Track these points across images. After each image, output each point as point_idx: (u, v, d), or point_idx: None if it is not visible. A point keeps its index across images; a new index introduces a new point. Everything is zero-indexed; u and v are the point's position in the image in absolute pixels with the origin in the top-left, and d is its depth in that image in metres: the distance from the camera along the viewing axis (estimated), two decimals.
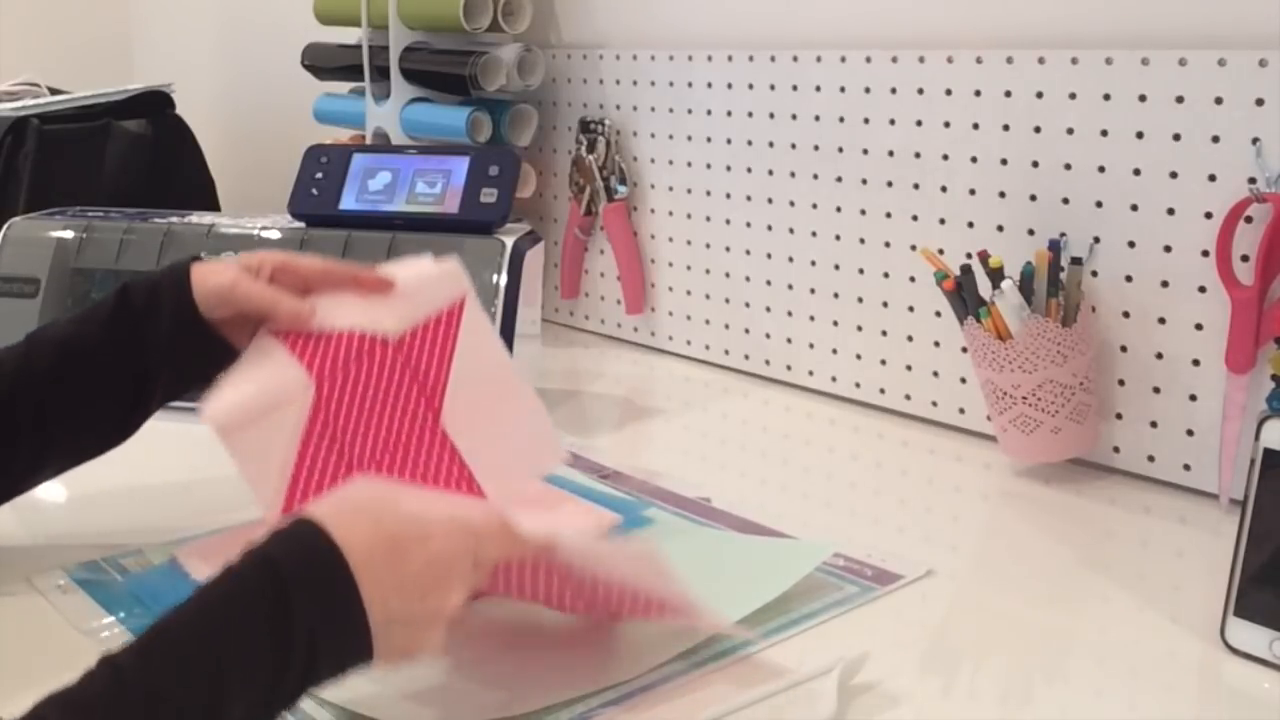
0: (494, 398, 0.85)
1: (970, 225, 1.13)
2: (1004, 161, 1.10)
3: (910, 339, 1.20)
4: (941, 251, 1.09)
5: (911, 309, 1.19)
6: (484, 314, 0.87)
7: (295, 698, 0.58)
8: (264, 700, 0.56)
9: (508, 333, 1.14)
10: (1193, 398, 1.00)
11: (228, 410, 0.76)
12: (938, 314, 1.16)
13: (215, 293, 0.82)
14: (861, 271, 1.23)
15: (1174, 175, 0.98)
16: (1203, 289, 0.98)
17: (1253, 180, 0.93)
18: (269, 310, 0.80)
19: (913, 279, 1.18)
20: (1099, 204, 1.03)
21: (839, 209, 1.24)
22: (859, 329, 1.24)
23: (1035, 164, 1.07)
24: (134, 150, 1.72)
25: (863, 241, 1.23)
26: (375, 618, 0.59)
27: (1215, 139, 0.95)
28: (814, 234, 1.27)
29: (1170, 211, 0.99)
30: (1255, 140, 0.93)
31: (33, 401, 0.81)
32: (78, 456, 0.85)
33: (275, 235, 1.25)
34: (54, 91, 1.81)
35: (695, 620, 0.74)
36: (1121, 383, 1.04)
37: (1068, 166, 1.05)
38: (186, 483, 1.04)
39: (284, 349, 0.80)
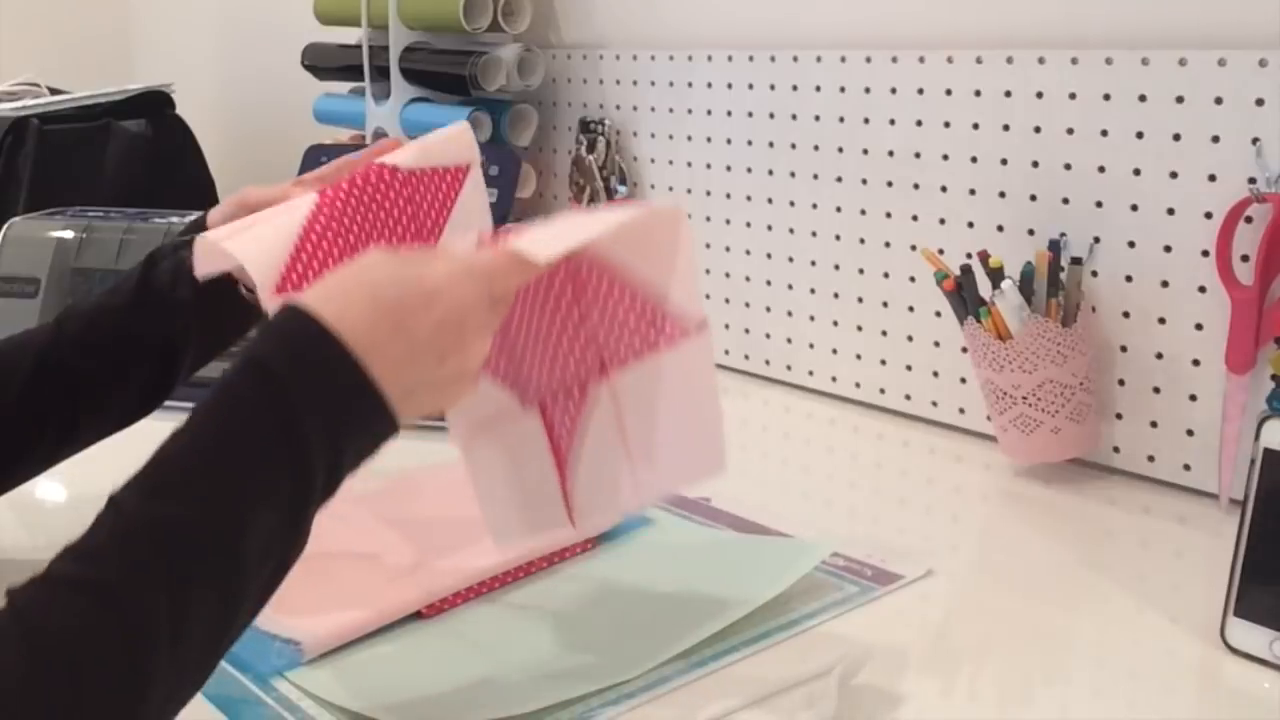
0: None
1: (970, 225, 1.13)
2: (1004, 161, 1.10)
3: (910, 339, 1.20)
4: (941, 251, 1.09)
5: (911, 309, 1.19)
6: (483, 189, 0.85)
7: (330, 492, 0.56)
8: (292, 505, 0.54)
9: None
10: (1193, 398, 1.00)
11: (228, 226, 0.75)
12: (938, 314, 1.16)
13: (230, 216, 0.81)
14: (861, 271, 1.23)
15: (1174, 175, 0.98)
16: (1203, 289, 0.98)
17: (1253, 180, 0.93)
18: (283, 195, 0.79)
19: (913, 279, 1.19)
20: (1099, 204, 1.03)
21: (839, 209, 1.24)
22: (859, 329, 1.24)
23: (1035, 164, 1.07)
24: (134, 150, 1.72)
25: (863, 241, 1.23)
26: (393, 391, 0.56)
27: (1215, 139, 0.95)
28: (814, 234, 1.27)
29: (1170, 211, 0.99)
30: (1255, 140, 0.93)
31: (64, 370, 0.81)
32: (110, 424, 0.85)
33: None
34: (54, 91, 1.81)
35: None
36: (1121, 383, 1.04)
37: (1068, 166, 1.05)
38: None
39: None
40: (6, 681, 0.46)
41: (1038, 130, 1.07)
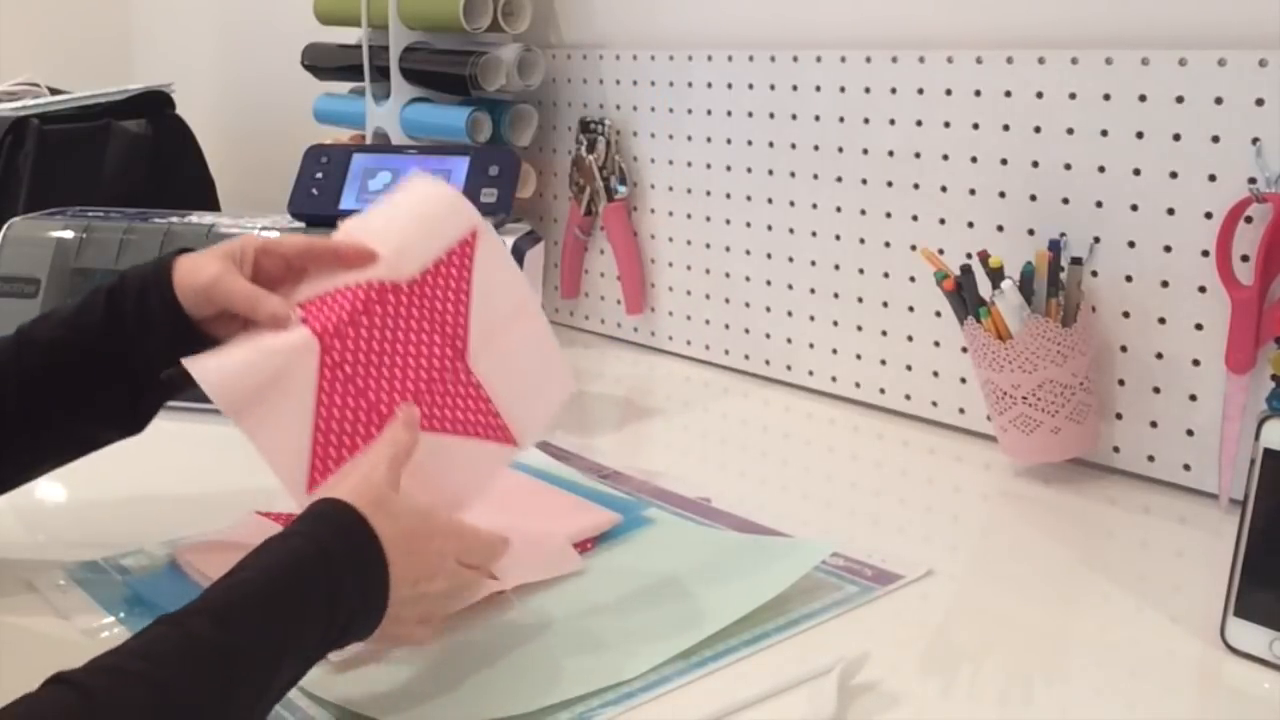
0: (513, 330, 0.82)
1: (970, 225, 1.13)
2: (1004, 161, 1.10)
3: (910, 339, 1.20)
4: (941, 251, 1.09)
5: (911, 309, 1.19)
6: (497, 239, 0.83)
7: (319, 659, 0.65)
8: (304, 661, 0.63)
9: None
10: (1193, 398, 1.00)
11: (232, 383, 0.72)
12: (938, 314, 1.16)
13: (198, 292, 0.79)
14: (861, 271, 1.23)
15: (1174, 175, 0.98)
16: (1203, 289, 0.98)
17: (1253, 180, 0.93)
18: (249, 312, 0.77)
19: (913, 279, 1.18)
20: (1099, 204, 1.03)
21: (839, 209, 1.24)
22: (859, 329, 1.24)
23: (1035, 164, 1.07)
24: (134, 150, 1.72)
25: (863, 241, 1.23)
26: (391, 599, 0.66)
27: (1215, 139, 0.95)
28: (814, 234, 1.27)
29: (1170, 211, 0.99)
30: (1255, 140, 0.93)
31: (23, 402, 0.80)
32: (70, 456, 0.85)
33: (275, 235, 1.24)
34: (54, 91, 1.81)
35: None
36: (1121, 383, 1.04)
37: (1068, 166, 1.05)
38: (186, 483, 1.04)
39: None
40: None
41: (1038, 130, 1.07)
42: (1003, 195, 1.10)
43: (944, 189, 1.15)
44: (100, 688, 0.54)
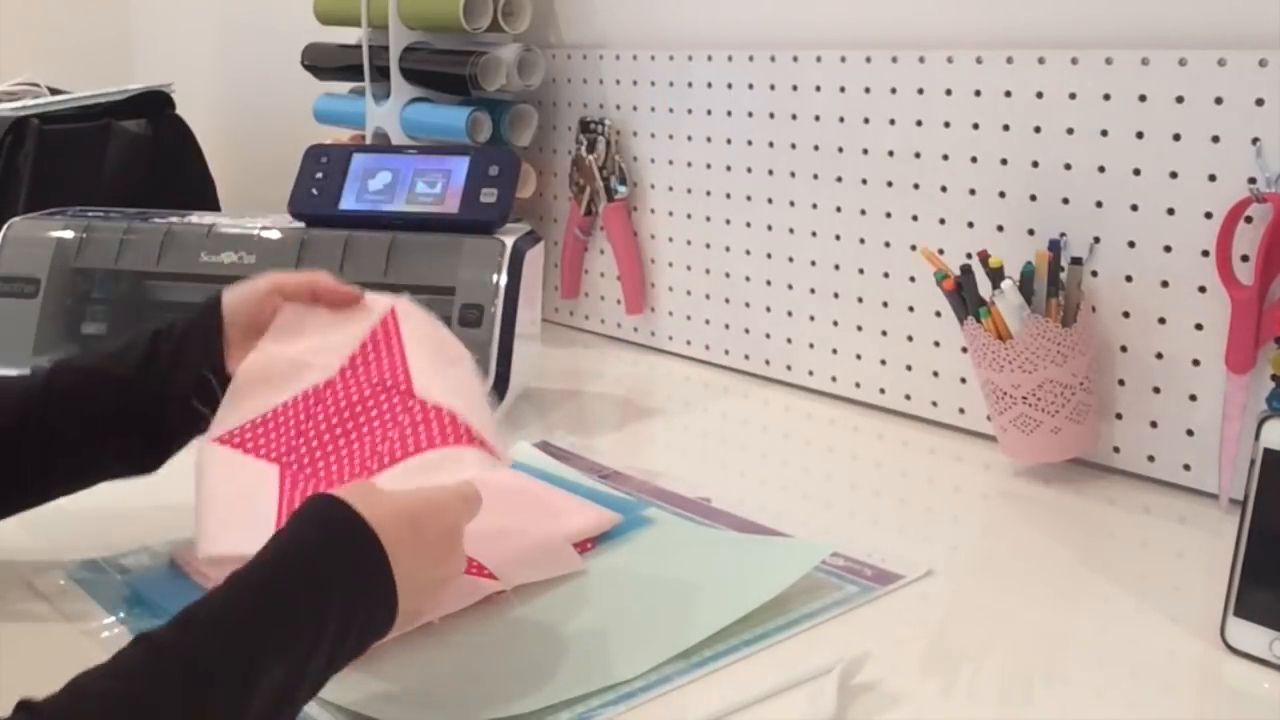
0: (457, 370, 0.85)
1: (970, 225, 1.13)
2: (1004, 161, 1.10)
3: (910, 339, 1.20)
4: (941, 251, 1.09)
5: (911, 309, 1.19)
6: (418, 308, 0.87)
7: (335, 662, 0.62)
8: (300, 661, 0.59)
9: (507, 333, 1.14)
10: (1193, 398, 1.00)
11: (224, 548, 0.73)
12: (938, 314, 1.16)
13: (252, 292, 0.85)
14: (861, 271, 1.23)
15: (1174, 175, 0.98)
16: (1203, 289, 0.98)
17: (1253, 180, 0.93)
18: (311, 284, 0.86)
19: (913, 279, 1.18)
20: (1099, 204, 1.03)
21: (839, 209, 1.24)
22: (859, 329, 1.24)
23: (1035, 164, 1.07)
24: (134, 150, 1.72)
25: (863, 241, 1.23)
26: (402, 585, 0.64)
27: (1215, 139, 0.95)
28: (814, 234, 1.27)
29: (1170, 211, 0.99)
30: (1255, 140, 0.93)
31: (46, 430, 0.81)
32: (80, 485, 0.85)
33: (275, 235, 1.25)
34: (54, 91, 1.81)
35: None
36: (1121, 383, 1.04)
37: (1068, 166, 1.05)
38: (186, 483, 1.03)
39: (236, 455, 0.79)
40: None
41: (1038, 130, 1.07)
42: (1003, 195, 1.10)
43: (944, 189, 1.15)
44: (58, 707, 0.52)
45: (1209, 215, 0.96)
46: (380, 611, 0.64)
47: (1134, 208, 1.01)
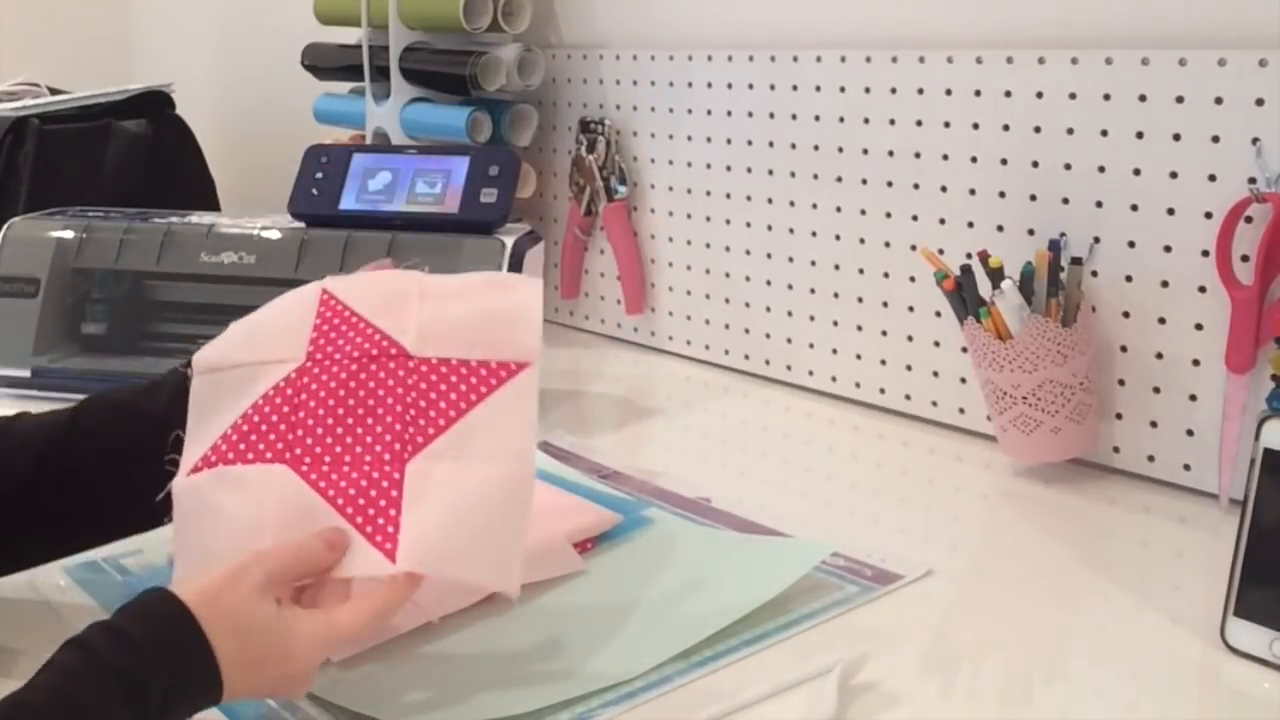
0: (482, 470, 0.72)
1: (970, 225, 1.13)
2: (1004, 161, 1.10)
3: (910, 339, 1.20)
4: (941, 251, 1.09)
5: (911, 309, 1.19)
6: (338, 276, 0.79)
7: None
8: None
9: None
10: (1193, 398, 1.00)
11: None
12: (938, 314, 1.16)
13: None
14: (861, 271, 1.23)
15: (1174, 175, 0.98)
16: (1203, 289, 0.98)
17: (1253, 180, 0.93)
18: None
19: (913, 279, 1.18)
20: (1099, 204, 1.03)
21: (839, 209, 1.24)
22: (859, 329, 1.24)
23: (1035, 164, 1.07)
24: (134, 150, 1.72)
25: (863, 241, 1.23)
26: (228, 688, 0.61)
27: (1215, 139, 0.95)
28: (814, 234, 1.27)
29: (1170, 211, 0.99)
30: (1255, 140, 0.93)
31: (68, 476, 0.77)
32: (111, 535, 0.81)
33: (275, 235, 1.25)
34: (54, 91, 1.81)
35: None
36: (1121, 383, 1.04)
37: (1068, 166, 1.05)
38: None
39: (224, 472, 0.70)
40: None
41: (1038, 130, 1.07)
42: (1003, 195, 1.10)
43: (944, 189, 1.15)
44: None
45: (1209, 215, 0.96)
46: (204, 694, 0.61)
47: (1134, 208, 1.01)
